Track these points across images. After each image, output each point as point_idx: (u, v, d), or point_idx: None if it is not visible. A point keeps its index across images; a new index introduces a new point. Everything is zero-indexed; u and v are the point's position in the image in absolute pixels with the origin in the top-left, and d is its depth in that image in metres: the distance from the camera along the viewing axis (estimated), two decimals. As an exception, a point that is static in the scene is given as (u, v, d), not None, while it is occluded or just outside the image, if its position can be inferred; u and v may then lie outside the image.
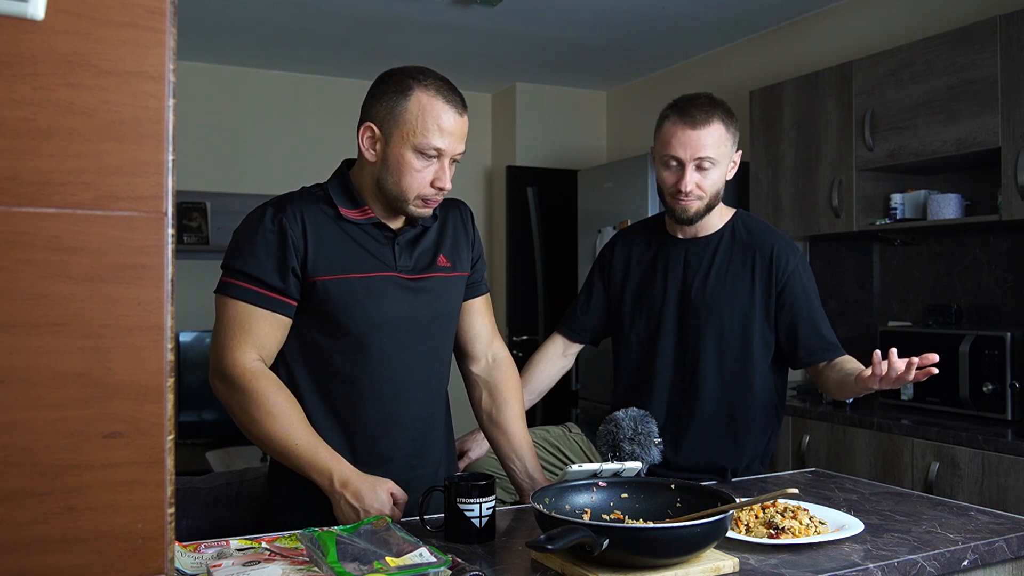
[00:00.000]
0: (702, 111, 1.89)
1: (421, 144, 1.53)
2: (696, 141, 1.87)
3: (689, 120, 1.88)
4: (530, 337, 5.12)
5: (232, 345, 1.52)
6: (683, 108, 1.91)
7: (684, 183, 1.89)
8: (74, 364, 0.72)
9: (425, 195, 1.57)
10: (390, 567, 1.16)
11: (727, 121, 1.91)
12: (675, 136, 1.89)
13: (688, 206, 1.92)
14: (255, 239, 1.54)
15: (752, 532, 1.40)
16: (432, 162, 1.55)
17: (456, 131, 1.56)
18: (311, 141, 4.95)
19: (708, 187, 1.91)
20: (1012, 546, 1.42)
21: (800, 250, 1.98)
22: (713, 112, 1.89)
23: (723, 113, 1.91)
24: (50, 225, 0.71)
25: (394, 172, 1.56)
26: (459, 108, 1.56)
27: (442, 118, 1.53)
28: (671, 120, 1.91)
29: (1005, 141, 2.75)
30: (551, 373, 2.15)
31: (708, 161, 1.88)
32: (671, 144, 1.90)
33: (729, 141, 1.92)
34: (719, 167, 1.91)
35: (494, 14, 3.96)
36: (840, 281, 3.76)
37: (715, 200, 1.94)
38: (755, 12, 3.95)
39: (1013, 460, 2.45)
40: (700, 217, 1.95)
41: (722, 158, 1.90)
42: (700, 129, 1.87)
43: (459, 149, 1.58)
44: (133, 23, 0.74)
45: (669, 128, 1.91)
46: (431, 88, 1.54)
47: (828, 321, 1.97)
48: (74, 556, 0.72)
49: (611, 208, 4.25)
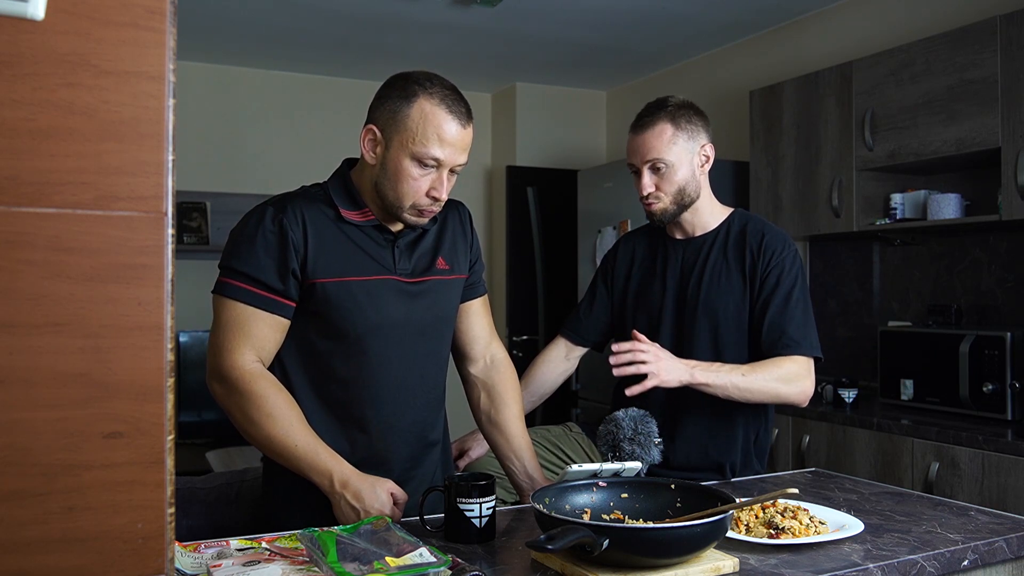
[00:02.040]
0: (648, 115, 1.95)
1: (419, 153, 1.51)
2: (642, 145, 1.93)
3: (637, 126, 1.96)
4: (530, 337, 5.12)
5: (230, 347, 1.51)
6: (636, 116, 1.98)
7: (641, 186, 1.94)
8: (74, 364, 0.72)
9: (420, 205, 1.55)
10: (390, 567, 1.16)
11: (677, 119, 1.92)
12: (629, 144, 1.98)
13: (652, 208, 1.96)
14: (255, 239, 1.53)
15: (752, 532, 1.40)
16: (430, 171, 1.53)
17: (457, 142, 1.53)
18: (311, 141, 4.95)
19: (667, 187, 1.93)
20: (1012, 546, 1.42)
21: (794, 245, 1.97)
22: (658, 114, 1.93)
23: (671, 113, 1.93)
24: (50, 225, 0.71)
25: (391, 178, 1.54)
26: (462, 119, 1.53)
27: (443, 128, 1.51)
28: (629, 131, 1.99)
29: (1005, 141, 2.75)
30: (553, 376, 2.16)
31: (660, 162, 1.92)
32: (627, 152, 1.99)
33: (681, 138, 1.92)
34: (676, 168, 1.92)
35: (494, 14, 3.96)
36: (840, 281, 3.76)
37: (682, 198, 1.95)
38: (755, 12, 3.95)
39: (1013, 460, 2.45)
40: (671, 216, 1.97)
41: (676, 157, 1.92)
42: (645, 132, 1.93)
43: (459, 160, 1.55)
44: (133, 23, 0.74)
45: (628, 138, 1.99)
46: (435, 96, 1.52)
47: (806, 319, 1.88)
48: (74, 556, 0.72)
49: (611, 208, 4.25)
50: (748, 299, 1.92)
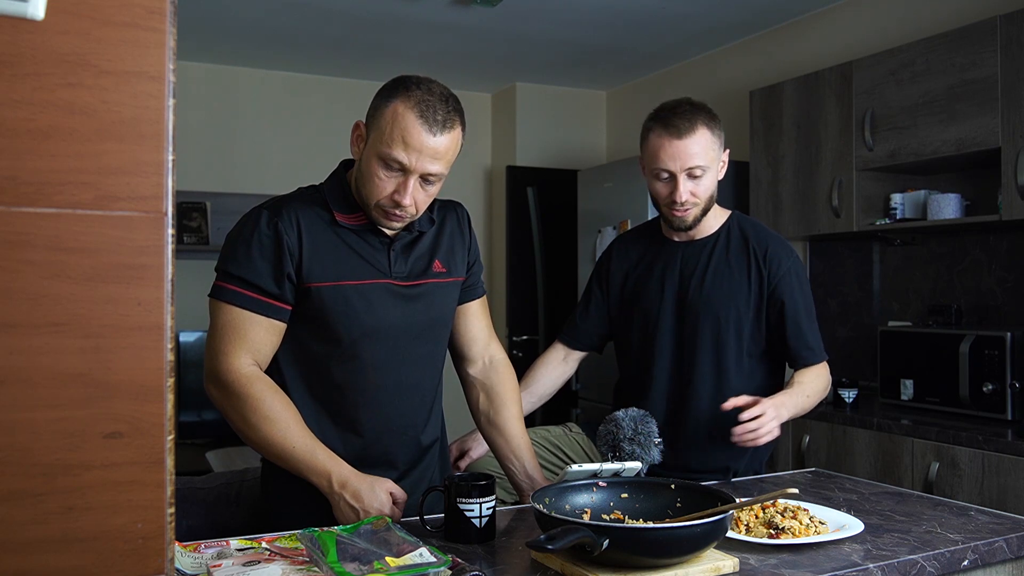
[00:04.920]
0: (685, 119, 1.86)
1: (384, 153, 1.48)
2: (684, 151, 1.85)
3: (674, 131, 1.86)
4: (530, 337, 5.12)
5: (227, 351, 1.51)
6: (666, 119, 1.88)
7: (679, 194, 1.88)
8: (74, 364, 0.72)
9: (384, 207, 1.52)
10: (390, 567, 1.16)
11: (711, 124, 1.89)
12: (663, 148, 1.87)
13: (686, 216, 1.92)
14: (250, 243, 1.52)
15: (752, 532, 1.40)
16: (396, 175, 1.50)
17: (424, 149, 1.47)
18: (311, 141, 4.95)
19: (702, 193, 1.91)
20: (1012, 546, 1.42)
21: (795, 252, 1.98)
22: (696, 118, 1.87)
23: (706, 117, 1.89)
24: (50, 225, 0.71)
25: (363, 175, 1.54)
26: (434, 127, 1.47)
27: (409, 132, 1.46)
28: (655, 132, 1.90)
29: (1005, 141, 2.75)
30: (551, 379, 2.16)
31: (699, 169, 1.87)
32: (659, 157, 1.88)
33: (716, 144, 1.90)
34: (710, 172, 1.90)
35: (494, 14, 3.96)
36: (840, 281, 3.76)
37: (710, 203, 1.95)
38: (755, 12, 3.95)
39: (1013, 460, 2.45)
40: (698, 222, 1.96)
41: (711, 163, 1.89)
42: (686, 138, 1.85)
43: (429, 169, 1.49)
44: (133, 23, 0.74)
45: (655, 140, 1.89)
46: (411, 100, 1.47)
47: (816, 325, 1.99)
48: (74, 556, 0.72)
49: (611, 208, 4.25)
50: (751, 304, 1.93)
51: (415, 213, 1.56)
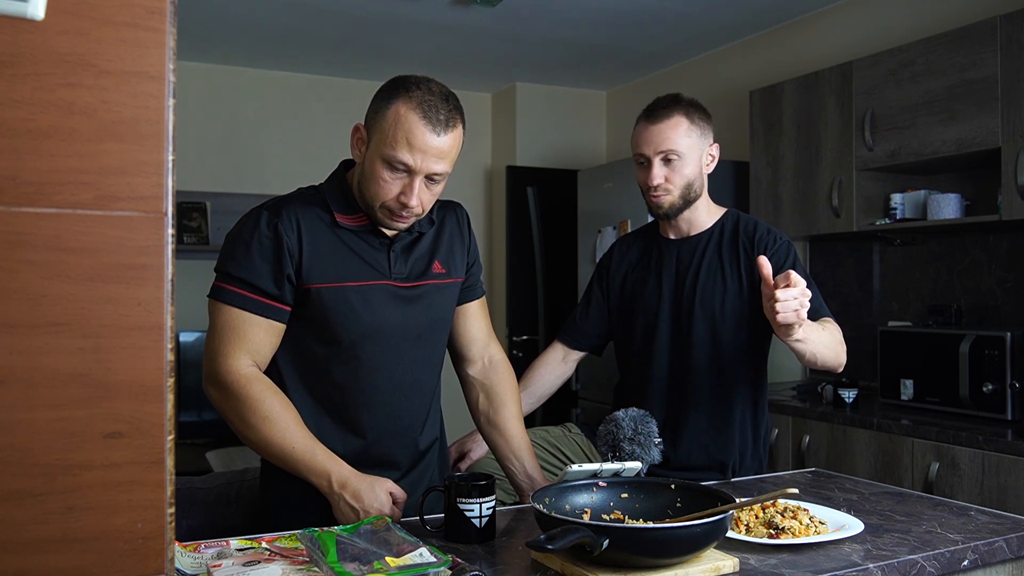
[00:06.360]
0: (662, 107, 1.95)
1: (389, 155, 1.48)
2: (657, 135, 1.92)
3: (652, 116, 1.95)
4: (530, 337, 5.12)
5: (226, 351, 1.51)
6: (648, 108, 1.97)
7: (651, 177, 1.93)
8: (74, 364, 0.72)
9: (390, 207, 1.52)
10: (390, 567, 1.16)
11: (691, 114, 1.95)
12: (640, 135, 1.96)
13: (660, 201, 1.96)
14: (250, 243, 1.52)
15: (752, 532, 1.40)
16: (401, 176, 1.50)
17: (429, 149, 1.47)
18: (311, 141, 4.95)
19: (677, 180, 1.93)
20: (1012, 546, 1.42)
21: (788, 239, 1.98)
22: (674, 107, 1.94)
23: (686, 107, 1.95)
24: (50, 225, 0.71)
25: (366, 178, 1.53)
26: (438, 127, 1.47)
27: (414, 133, 1.46)
28: (639, 122, 1.98)
29: (1005, 141, 2.75)
30: (551, 379, 2.16)
31: (672, 154, 1.92)
32: (637, 143, 1.97)
33: (695, 133, 1.94)
34: (686, 160, 1.93)
35: (494, 14, 3.96)
36: (840, 281, 3.76)
37: (689, 193, 1.96)
38: (755, 12, 3.95)
39: (1013, 460, 2.45)
40: (677, 211, 1.97)
41: (688, 151, 1.93)
42: (661, 123, 1.93)
43: (435, 168, 1.50)
44: (133, 23, 0.74)
45: (637, 129, 1.98)
46: (413, 100, 1.47)
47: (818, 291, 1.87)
48: (74, 556, 0.72)
49: (611, 208, 4.25)
50: (747, 295, 1.93)
51: (421, 213, 1.56)
